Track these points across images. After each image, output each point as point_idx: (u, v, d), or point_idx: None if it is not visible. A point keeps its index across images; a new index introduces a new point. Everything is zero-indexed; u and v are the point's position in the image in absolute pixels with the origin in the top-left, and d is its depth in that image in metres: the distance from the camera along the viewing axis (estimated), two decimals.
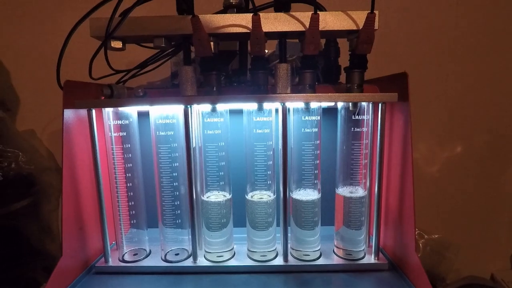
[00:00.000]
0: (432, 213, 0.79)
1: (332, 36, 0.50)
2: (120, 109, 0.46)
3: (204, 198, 0.47)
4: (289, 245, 0.48)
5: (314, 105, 0.44)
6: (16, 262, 0.69)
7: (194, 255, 0.48)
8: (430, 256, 0.74)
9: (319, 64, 0.55)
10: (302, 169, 0.46)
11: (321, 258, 0.49)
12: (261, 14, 0.40)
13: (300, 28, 0.42)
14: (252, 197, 0.47)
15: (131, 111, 0.47)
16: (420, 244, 0.74)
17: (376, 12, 0.40)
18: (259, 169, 0.46)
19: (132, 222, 0.49)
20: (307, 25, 0.40)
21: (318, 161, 0.46)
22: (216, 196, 0.47)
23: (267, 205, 0.47)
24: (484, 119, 0.77)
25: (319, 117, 0.45)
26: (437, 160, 0.79)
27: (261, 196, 0.47)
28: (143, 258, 0.50)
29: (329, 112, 0.50)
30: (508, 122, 0.77)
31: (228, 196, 0.48)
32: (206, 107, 0.45)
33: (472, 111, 0.77)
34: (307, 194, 0.47)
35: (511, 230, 0.81)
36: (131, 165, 0.47)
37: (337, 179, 0.48)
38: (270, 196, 0.47)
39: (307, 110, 0.45)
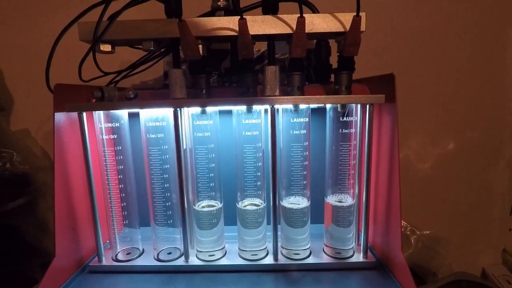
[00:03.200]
0: (424, 209, 0.80)
1: (320, 37, 0.50)
2: (111, 111, 0.46)
3: (196, 207, 0.48)
4: (279, 244, 0.49)
5: (303, 106, 0.45)
6: (13, 259, 0.70)
7: (186, 254, 0.49)
8: (422, 251, 0.75)
9: (311, 62, 0.55)
10: (291, 170, 0.46)
11: (310, 257, 0.49)
12: (248, 17, 0.40)
13: (287, 30, 0.42)
14: (243, 206, 0.48)
15: (122, 113, 0.48)
16: (412, 240, 0.75)
17: (363, 14, 0.40)
18: (249, 171, 0.46)
19: (125, 222, 0.50)
20: (295, 27, 0.41)
21: (307, 162, 0.46)
22: (207, 203, 0.48)
23: (257, 212, 0.48)
24: (475, 117, 0.77)
25: (307, 119, 0.45)
26: (429, 157, 0.79)
27: (252, 202, 0.48)
28: (136, 257, 0.51)
29: (319, 113, 0.51)
30: (497, 119, 0.78)
31: (220, 205, 0.49)
32: (195, 109, 0.45)
33: (464, 109, 0.77)
34: (297, 202, 0.48)
35: (502, 226, 0.82)
36: (122, 166, 0.48)
37: (326, 181, 0.49)
38: (260, 205, 0.48)
39: (296, 111, 0.45)
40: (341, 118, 0.46)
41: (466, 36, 0.74)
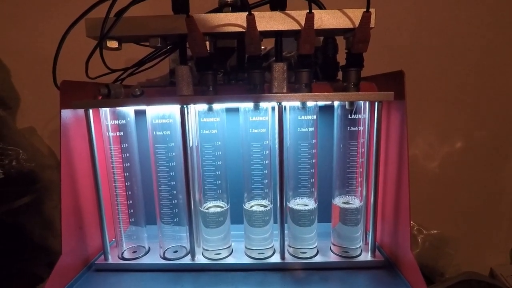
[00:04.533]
0: (431, 208, 0.79)
1: (328, 34, 0.49)
2: (117, 108, 0.46)
3: (203, 209, 0.48)
4: (286, 242, 0.49)
5: (310, 103, 0.44)
6: (20, 258, 0.70)
7: (192, 252, 0.48)
8: (429, 251, 0.74)
9: (318, 59, 0.55)
10: (298, 168, 0.46)
11: (318, 256, 0.49)
12: (256, 13, 0.40)
13: (296, 27, 0.41)
14: (250, 207, 0.48)
15: (129, 110, 0.47)
16: (419, 240, 0.74)
17: (372, 10, 0.39)
18: (256, 169, 0.46)
19: (131, 220, 0.50)
20: (303, 23, 0.40)
21: (314, 160, 0.46)
22: (214, 203, 0.48)
23: (264, 213, 0.48)
24: (483, 115, 0.76)
25: (315, 116, 0.45)
26: (437, 156, 0.78)
27: (259, 203, 0.48)
28: (142, 256, 0.50)
29: (326, 110, 0.50)
30: (506, 118, 0.77)
31: (226, 206, 0.48)
32: (202, 106, 0.45)
33: (472, 107, 0.76)
34: (304, 203, 0.47)
35: (510, 225, 0.81)
36: (129, 164, 0.48)
37: (333, 181, 0.48)
38: (267, 206, 0.48)
39: (304, 109, 0.45)
40: (349, 115, 0.45)
41: (476, 34, 0.73)
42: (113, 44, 0.44)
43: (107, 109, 0.46)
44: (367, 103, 0.45)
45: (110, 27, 0.39)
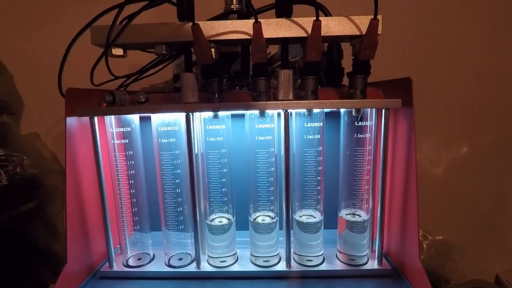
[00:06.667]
0: (436, 214, 0.79)
1: (334, 41, 0.49)
2: (122, 115, 0.46)
3: (209, 221, 0.48)
4: (291, 249, 0.48)
5: (316, 110, 0.44)
6: (24, 263, 0.69)
7: (197, 260, 0.48)
8: (434, 257, 0.73)
9: (322, 65, 0.54)
10: (304, 176, 0.46)
11: (324, 264, 0.48)
12: (262, 20, 0.40)
13: (302, 34, 0.41)
14: (255, 217, 0.48)
15: (133, 117, 0.47)
16: (424, 246, 0.74)
17: (380, 17, 0.39)
18: (262, 176, 0.46)
19: (136, 227, 0.50)
20: (309, 30, 0.40)
21: (321, 168, 0.46)
22: (219, 215, 0.48)
23: (270, 224, 0.47)
24: (489, 120, 0.76)
25: (321, 123, 0.45)
26: (442, 161, 0.78)
27: (264, 214, 0.47)
28: (147, 263, 0.50)
29: (331, 116, 0.50)
30: None
31: (232, 219, 0.48)
32: (208, 113, 0.45)
33: (478, 112, 0.76)
34: (310, 214, 0.47)
35: None
36: (133, 171, 0.47)
37: (340, 191, 0.48)
38: (273, 217, 0.47)
39: (310, 115, 0.45)
40: (356, 122, 0.45)
41: (481, 39, 0.73)
42: (118, 51, 0.44)
43: (112, 117, 0.46)
44: (374, 110, 0.44)
45: (116, 35, 0.39)
